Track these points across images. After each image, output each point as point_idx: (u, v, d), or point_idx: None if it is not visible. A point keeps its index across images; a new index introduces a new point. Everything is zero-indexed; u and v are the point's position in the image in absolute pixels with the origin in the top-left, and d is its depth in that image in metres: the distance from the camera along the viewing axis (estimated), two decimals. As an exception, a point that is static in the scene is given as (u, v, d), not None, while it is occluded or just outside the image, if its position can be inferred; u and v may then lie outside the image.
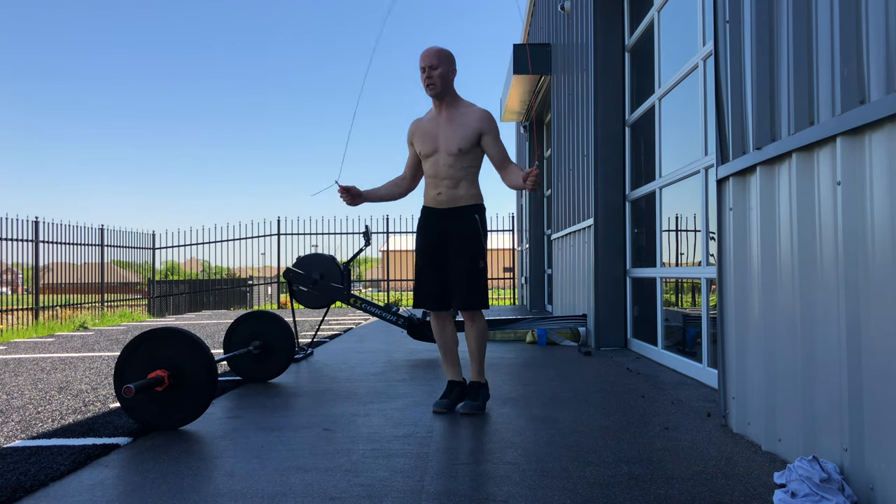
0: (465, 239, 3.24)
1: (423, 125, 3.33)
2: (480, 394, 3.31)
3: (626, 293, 5.85)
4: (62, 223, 12.05)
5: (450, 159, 3.23)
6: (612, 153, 5.88)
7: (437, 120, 3.29)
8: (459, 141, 3.20)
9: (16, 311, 10.98)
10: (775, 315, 2.47)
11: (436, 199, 3.29)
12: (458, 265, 3.24)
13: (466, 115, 3.24)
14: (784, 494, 1.96)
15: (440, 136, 3.25)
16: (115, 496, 2.13)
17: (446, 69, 3.21)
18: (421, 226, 3.38)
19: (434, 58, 3.19)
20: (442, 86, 3.21)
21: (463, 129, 3.21)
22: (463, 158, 3.23)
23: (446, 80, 3.22)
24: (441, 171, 3.25)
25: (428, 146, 3.28)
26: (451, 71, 3.24)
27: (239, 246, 15.95)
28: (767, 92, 2.50)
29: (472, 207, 3.28)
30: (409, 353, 5.73)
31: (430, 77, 3.19)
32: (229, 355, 3.98)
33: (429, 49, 3.24)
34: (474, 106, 3.30)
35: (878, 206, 1.87)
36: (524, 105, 11.44)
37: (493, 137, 3.24)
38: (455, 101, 3.29)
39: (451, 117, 3.25)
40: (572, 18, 7.23)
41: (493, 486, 2.16)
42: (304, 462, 2.47)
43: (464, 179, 3.25)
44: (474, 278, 3.22)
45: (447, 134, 3.24)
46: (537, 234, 12.00)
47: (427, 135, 3.29)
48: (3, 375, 4.89)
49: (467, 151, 3.22)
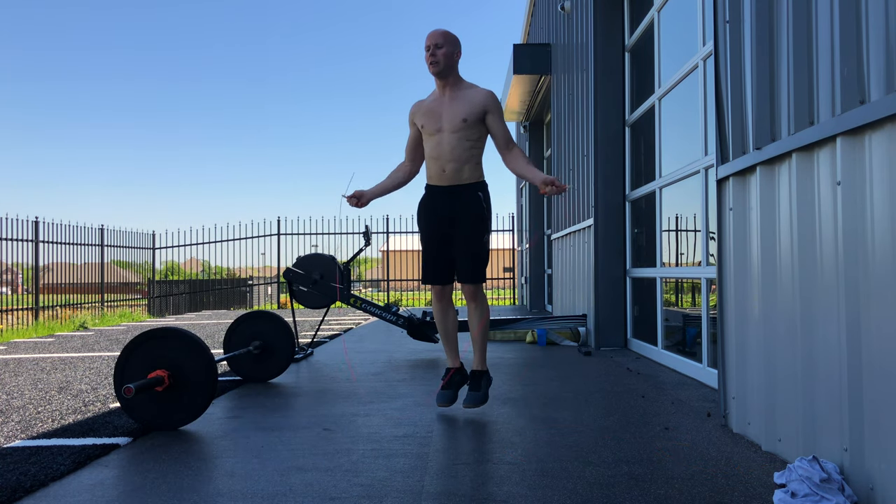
0: (469, 216, 3.27)
1: (427, 104, 3.35)
2: (482, 383, 3.30)
3: (626, 293, 5.85)
4: (62, 223, 12.05)
5: (454, 138, 3.23)
6: (612, 153, 5.88)
7: (440, 100, 3.31)
8: (464, 113, 3.22)
9: (16, 311, 10.98)
10: (775, 315, 2.46)
11: (439, 178, 3.30)
12: (463, 241, 3.28)
13: (470, 92, 3.28)
14: (784, 494, 1.96)
15: (444, 114, 3.27)
16: (115, 496, 2.13)
17: (451, 49, 3.24)
18: (424, 205, 3.39)
19: (440, 37, 3.24)
20: (445, 64, 3.23)
21: (468, 104, 3.24)
22: (468, 132, 3.23)
23: (450, 60, 3.25)
24: (444, 150, 3.26)
25: (432, 123, 3.28)
26: (455, 52, 3.27)
27: (239, 246, 15.95)
28: (767, 92, 2.50)
29: (476, 185, 3.31)
30: (409, 353, 5.73)
31: (434, 55, 3.22)
32: (229, 355, 3.98)
33: (435, 30, 3.29)
34: (478, 86, 3.32)
35: (877, 206, 1.87)
36: (524, 105, 11.44)
37: (497, 116, 3.26)
38: (458, 82, 3.31)
39: (455, 96, 3.28)
40: (572, 18, 7.23)
41: (493, 486, 2.16)
42: (304, 462, 2.47)
43: (468, 161, 3.27)
44: (478, 253, 3.28)
45: (451, 111, 3.25)
46: (537, 233, 12.01)
47: (432, 112, 3.30)
48: (3, 375, 4.89)
49: (472, 125, 3.23)
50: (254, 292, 18.39)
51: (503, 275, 19.41)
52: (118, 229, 14.19)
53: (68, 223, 12.25)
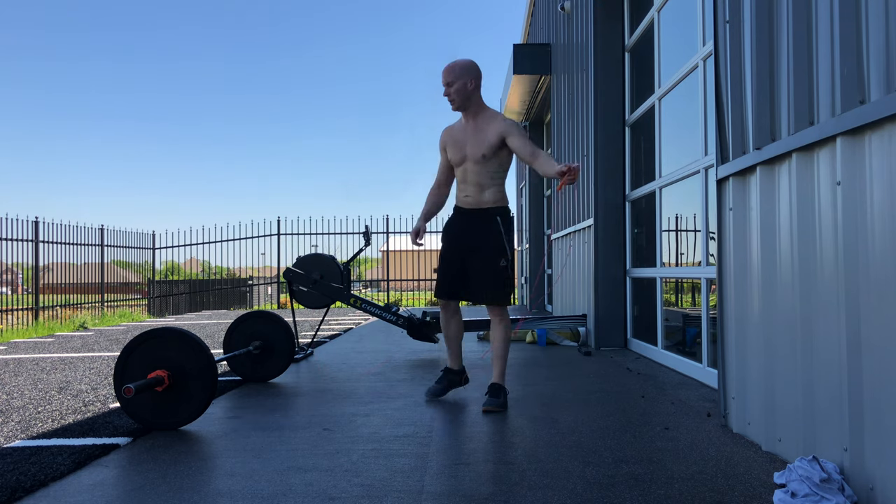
0: (486, 238, 3.40)
1: (455, 134, 3.48)
2: (501, 394, 3.39)
3: (626, 293, 5.85)
4: (62, 223, 12.05)
5: (476, 167, 3.39)
6: (612, 153, 5.88)
7: (465, 130, 3.44)
8: (484, 148, 3.34)
9: (16, 311, 10.98)
10: (775, 315, 2.46)
11: (464, 201, 3.47)
12: (478, 262, 3.40)
13: (490, 123, 3.36)
14: (784, 494, 1.96)
15: (468, 145, 3.40)
16: (115, 496, 2.13)
17: (462, 83, 3.34)
18: (449, 225, 3.56)
19: (449, 74, 3.35)
20: (461, 100, 3.35)
21: (486, 140, 3.34)
22: (488, 164, 3.37)
23: (464, 94, 3.35)
24: (469, 177, 3.43)
25: (457, 155, 3.44)
26: (468, 83, 3.35)
27: (239, 246, 15.95)
28: (767, 92, 2.50)
29: (496, 209, 3.43)
30: (409, 353, 5.73)
31: (448, 94, 3.36)
32: (229, 355, 3.98)
33: (446, 66, 3.39)
34: (498, 115, 3.41)
35: (877, 206, 1.87)
36: (524, 105, 11.44)
37: (516, 136, 3.33)
38: (480, 111, 3.42)
39: (478, 127, 3.39)
40: (572, 18, 7.23)
41: (493, 486, 2.16)
42: (304, 462, 2.47)
43: (489, 185, 3.40)
44: (494, 275, 3.37)
45: (473, 143, 3.38)
46: (537, 233, 12.01)
47: (457, 143, 3.45)
48: (3, 375, 4.89)
49: (491, 158, 3.36)
50: (254, 292, 18.40)
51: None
52: (118, 229, 14.21)
53: (68, 223, 12.26)
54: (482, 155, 3.34)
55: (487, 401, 3.34)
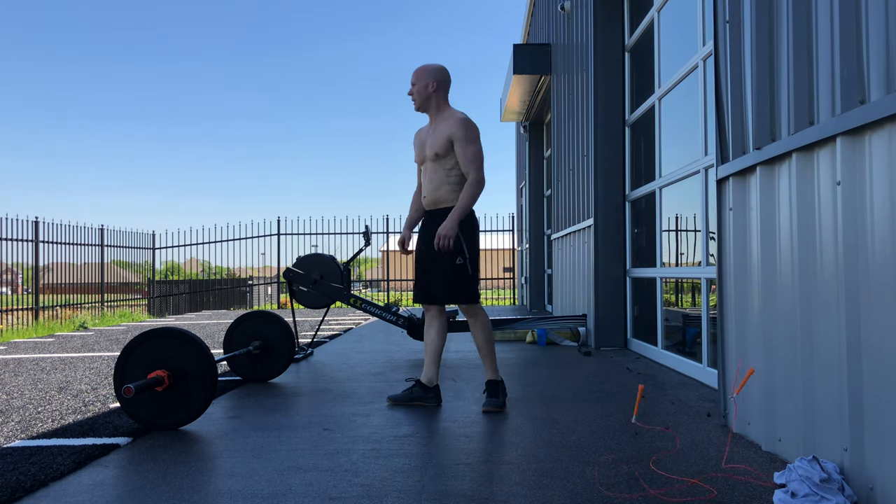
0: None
1: (421, 135, 3.56)
2: (499, 391, 3.38)
3: (626, 293, 5.85)
4: (62, 223, 12.05)
5: (432, 165, 3.42)
6: (612, 153, 5.88)
7: (427, 130, 3.51)
8: (437, 147, 3.38)
9: (16, 311, 10.98)
10: (775, 315, 2.47)
11: (424, 201, 3.50)
12: (436, 263, 3.40)
13: (445, 122, 3.40)
14: (784, 494, 1.96)
15: (427, 144, 3.45)
16: (115, 496, 2.13)
17: (423, 84, 3.44)
18: (420, 226, 3.61)
19: (413, 76, 3.47)
20: (420, 100, 3.45)
21: (439, 136, 3.38)
22: (443, 163, 3.39)
23: (424, 95, 3.45)
24: (427, 175, 3.46)
25: (419, 155, 3.52)
26: (429, 85, 3.43)
27: (239, 246, 15.95)
28: (767, 92, 2.50)
29: (451, 209, 3.40)
30: (409, 353, 5.73)
31: (411, 94, 3.48)
32: (229, 355, 3.98)
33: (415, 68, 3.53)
34: (456, 114, 3.42)
35: (877, 206, 1.87)
36: (524, 105, 11.44)
37: (461, 143, 3.33)
38: (440, 111, 3.47)
39: (436, 126, 3.44)
40: (572, 18, 7.23)
41: (493, 486, 2.16)
42: (304, 462, 2.47)
43: (445, 184, 3.40)
44: (452, 274, 3.35)
45: (430, 142, 3.43)
46: (537, 233, 12.00)
47: (420, 143, 3.52)
48: (3, 375, 4.89)
49: (444, 156, 3.38)
50: (254, 292, 18.39)
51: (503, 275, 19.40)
52: (118, 229, 14.20)
53: (68, 223, 12.25)
54: (435, 153, 3.36)
55: (487, 401, 3.35)
